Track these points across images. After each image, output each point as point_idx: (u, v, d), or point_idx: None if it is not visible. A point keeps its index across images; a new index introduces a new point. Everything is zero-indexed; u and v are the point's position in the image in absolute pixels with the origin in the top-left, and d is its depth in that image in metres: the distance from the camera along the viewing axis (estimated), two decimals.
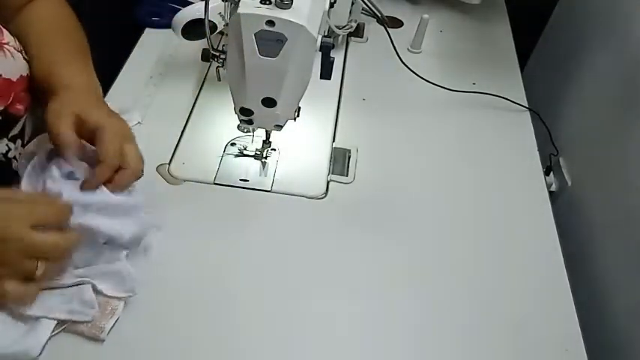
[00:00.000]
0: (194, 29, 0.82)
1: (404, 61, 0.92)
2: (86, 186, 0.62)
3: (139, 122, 0.81)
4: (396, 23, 1.08)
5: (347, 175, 0.80)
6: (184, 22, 0.81)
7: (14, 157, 0.71)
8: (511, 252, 0.73)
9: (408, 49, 1.02)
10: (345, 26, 0.93)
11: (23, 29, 0.72)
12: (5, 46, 0.67)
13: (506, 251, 0.74)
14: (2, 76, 0.66)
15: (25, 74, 0.69)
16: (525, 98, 0.96)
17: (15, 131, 0.70)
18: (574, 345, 0.65)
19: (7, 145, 0.70)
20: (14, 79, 0.68)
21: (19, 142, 0.72)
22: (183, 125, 0.83)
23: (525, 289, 0.70)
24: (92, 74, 0.72)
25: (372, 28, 1.05)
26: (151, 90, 0.88)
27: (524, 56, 1.20)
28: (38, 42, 0.71)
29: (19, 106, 0.69)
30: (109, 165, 0.63)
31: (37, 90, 0.71)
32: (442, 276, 0.69)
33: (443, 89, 0.92)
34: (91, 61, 0.73)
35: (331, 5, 0.69)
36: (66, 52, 0.72)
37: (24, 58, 0.69)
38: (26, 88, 0.70)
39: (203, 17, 0.64)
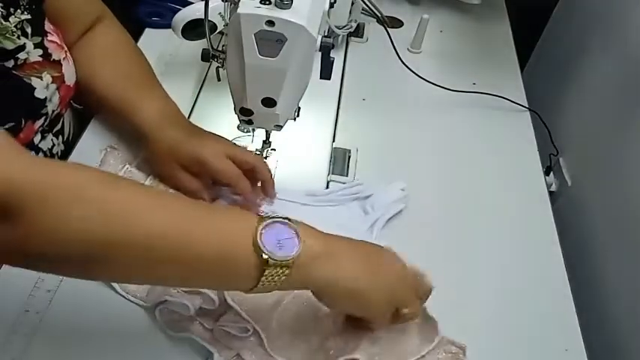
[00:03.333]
0: (194, 29, 0.82)
1: (404, 61, 0.92)
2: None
3: None
4: (396, 23, 1.08)
5: (347, 175, 0.80)
6: (184, 22, 0.81)
7: (57, 153, 0.75)
8: (511, 252, 0.73)
9: (408, 49, 1.02)
10: (345, 26, 0.93)
11: (89, 53, 0.76)
12: (67, 53, 0.72)
13: (506, 251, 0.73)
14: (66, 83, 0.71)
15: (75, 80, 0.73)
16: (525, 98, 0.96)
17: (57, 127, 0.75)
18: (574, 345, 0.65)
19: (52, 140, 0.74)
20: (72, 85, 0.73)
21: (60, 137, 0.76)
22: None
23: (525, 289, 0.70)
24: (164, 98, 0.75)
25: (372, 28, 1.05)
26: None
27: (524, 56, 1.20)
28: (108, 70, 0.75)
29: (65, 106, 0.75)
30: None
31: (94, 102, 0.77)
32: (442, 276, 0.69)
33: (443, 89, 0.92)
34: (158, 82, 0.77)
35: (331, 5, 0.69)
36: (137, 82, 0.75)
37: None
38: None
39: (203, 17, 0.64)
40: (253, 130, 0.79)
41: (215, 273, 0.49)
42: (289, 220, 0.50)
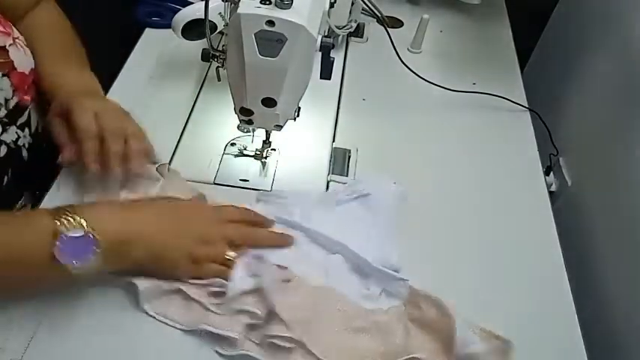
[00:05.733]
0: (194, 29, 0.82)
1: (404, 61, 0.92)
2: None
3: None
4: (396, 23, 1.08)
5: (347, 175, 0.80)
6: (184, 22, 0.81)
7: (23, 145, 0.74)
8: (511, 252, 0.73)
9: (408, 49, 1.02)
10: (345, 26, 0.93)
11: (28, 33, 0.75)
12: (17, 40, 0.71)
13: (506, 251, 0.73)
14: (17, 69, 0.70)
15: (33, 67, 0.73)
16: (525, 98, 0.96)
17: (22, 119, 0.73)
18: (574, 345, 0.65)
19: (16, 132, 0.72)
20: (27, 72, 0.72)
21: (27, 130, 0.74)
22: (183, 125, 0.83)
23: (525, 289, 0.69)
24: (89, 76, 0.77)
25: (372, 28, 1.05)
26: (150, 90, 0.88)
27: (524, 56, 1.20)
28: (41, 47, 0.76)
29: (27, 97, 0.73)
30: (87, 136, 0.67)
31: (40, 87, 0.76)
32: (441, 276, 0.69)
33: (443, 89, 0.92)
34: (88, 63, 0.79)
35: (331, 5, 0.69)
36: (64, 58, 0.78)
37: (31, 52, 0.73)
38: (33, 80, 0.73)
39: (203, 17, 0.64)
40: (253, 130, 0.79)
41: (32, 279, 0.58)
42: (85, 222, 0.55)
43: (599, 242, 0.92)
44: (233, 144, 0.80)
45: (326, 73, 0.68)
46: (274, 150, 0.79)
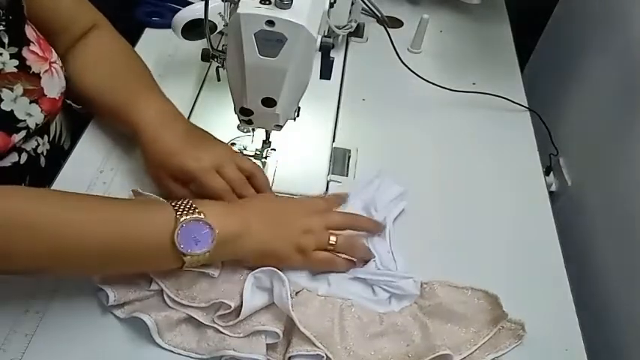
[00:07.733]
0: (194, 29, 0.82)
1: (404, 61, 0.92)
2: None
3: None
4: (396, 23, 1.08)
5: (347, 175, 0.80)
6: (184, 22, 0.81)
7: (42, 153, 0.74)
8: (511, 252, 0.73)
9: (408, 49, 1.02)
10: (345, 26, 0.93)
11: (80, 55, 0.76)
12: (53, 65, 0.71)
13: (506, 251, 0.73)
14: (48, 96, 0.70)
15: (63, 90, 0.73)
16: (525, 98, 0.96)
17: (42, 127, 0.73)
18: (574, 345, 0.65)
19: (36, 140, 0.73)
20: (57, 97, 0.71)
21: (45, 137, 0.75)
22: None
23: (525, 289, 0.69)
24: (164, 99, 0.75)
25: (372, 28, 1.05)
26: None
27: (524, 56, 1.20)
28: (95, 66, 0.76)
29: (56, 116, 0.74)
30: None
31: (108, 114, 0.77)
32: (442, 276, 0.69)
33: (443, 89, 0.92)
34: (156, 85, 0.78)
35: (331, 5, 0.69)
36: (134, 81, 0.76)
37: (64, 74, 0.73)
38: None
39: (203, 17, 0.64)
40: (253, 130, 0.79)
41: (145, 263, 0.60)
42: (203, 214, 0.58)
43: (599, 242, 0.92)
44: (233, 144, 0.80)
45: (326, 73, 0.68)
46: (274, 150, 0.79)
